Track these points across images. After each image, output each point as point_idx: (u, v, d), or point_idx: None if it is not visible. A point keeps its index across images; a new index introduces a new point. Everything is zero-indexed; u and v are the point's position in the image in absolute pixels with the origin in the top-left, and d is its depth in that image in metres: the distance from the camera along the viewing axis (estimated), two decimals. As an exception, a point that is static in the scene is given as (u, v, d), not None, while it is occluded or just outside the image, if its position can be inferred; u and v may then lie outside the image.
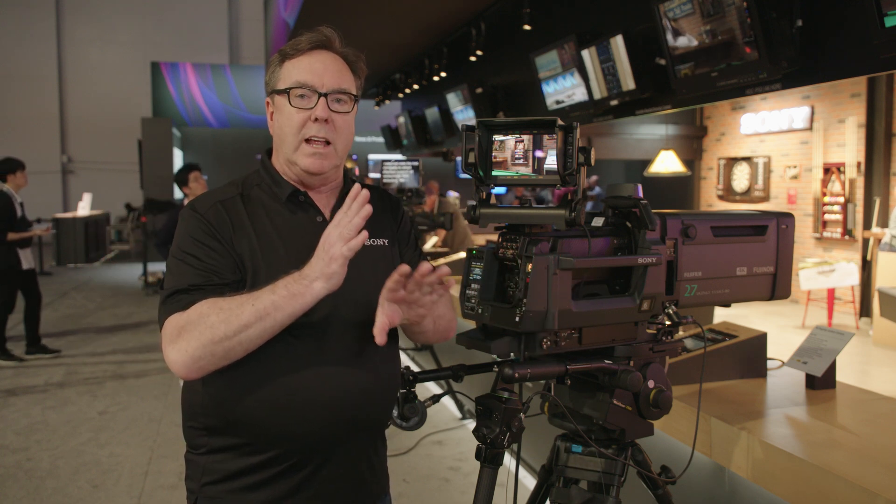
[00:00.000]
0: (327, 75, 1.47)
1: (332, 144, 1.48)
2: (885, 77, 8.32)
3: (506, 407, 1.40)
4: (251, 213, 1.49)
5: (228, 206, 1.49)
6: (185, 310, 1.37)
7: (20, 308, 6.73)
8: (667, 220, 1.51)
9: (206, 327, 1.33)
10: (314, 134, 1.46)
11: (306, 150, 1.47)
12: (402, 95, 11.72)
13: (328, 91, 1.47)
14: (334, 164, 1.51)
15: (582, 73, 5.55)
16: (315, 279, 1.34)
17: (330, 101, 1.47)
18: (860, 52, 3.31)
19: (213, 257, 1.43)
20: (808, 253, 9.53)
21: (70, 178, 20.47)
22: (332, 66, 1.49)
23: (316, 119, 1.46)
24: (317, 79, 1.46)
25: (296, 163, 1.48)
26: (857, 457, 1.69)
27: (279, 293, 1.34)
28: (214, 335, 1.33)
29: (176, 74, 18.90)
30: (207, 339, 1.33)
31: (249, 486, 1.46)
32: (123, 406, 5.26)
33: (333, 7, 7.73)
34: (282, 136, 1.50)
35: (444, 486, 3.84)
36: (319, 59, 1.49)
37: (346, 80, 1.50)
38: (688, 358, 2.21)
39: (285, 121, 1.48)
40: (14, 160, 6.66)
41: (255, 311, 1.33)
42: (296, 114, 1.46)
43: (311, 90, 1.46)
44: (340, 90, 1.48)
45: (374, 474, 1.59)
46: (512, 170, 1.35)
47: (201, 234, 1.45)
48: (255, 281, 1.43)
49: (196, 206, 1.50)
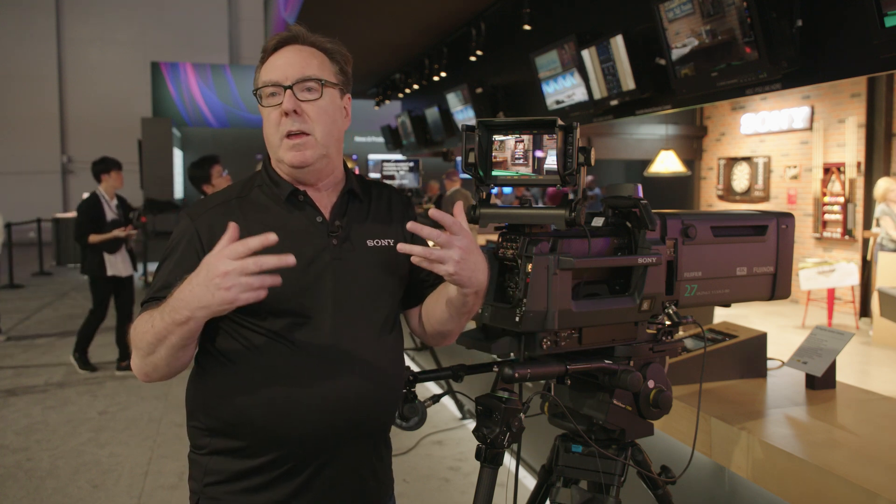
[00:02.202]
0: (290, 68, 1.46)
1: (311, 134, 1.46)
2: (885, 77, 8.32)
3: (506, 407, 1.40)
4: (248, 215, 1.48)
5: (224, 210, 1.48)
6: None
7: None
8: (667, 220, 1.51)
9: (136, 345, 1.36)
10: (289, 128, 1.45)
11: (287, 145, 1.46)
12: (402, 95, 11.72)
13: (293, 82, 1.45)
14: (319, 153, 1.47)
15: (582, 73, 5.55)
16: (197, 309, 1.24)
17: (297, 91, 1.45)
18: (860, 52, 3.31)
19: (178, 270, 1.42)
20: (808, 253, 9.53)
21: (70, 178, 20.46)
22: (295, 58, 1.48)
23: (286, 113, 1.45)
24: (280, 73, 1.46)
25: (282, 160, 1.48)
26: (857, 457, 1.69)
27: (165, 320, 1.29)
28: (141, 352, 1.35)
29: (176, 74, 18.89)
30: (142, 354, 1.36)
31: (251, 488, 1.46)
32: (123, 406, 5.26)
33: (333, 7, 7.73)
34: (267, 137, 1.51)
35: (444, 486, 3.84)
36: (283, 55, 1.49)
37: (311, 67, 1.47)
38: (688, 358, 2.21)
39: (265, 122, 1.49)
40: (109, 160, 6.26)
41: (154, 333, 1.31)
42: (270, 113, 1.47)
43: (277, 86, 1.46)
44: (305, 78, 1.46)
45: (377, 478, 1.57)
46: (512, 170, 1.35)
47: (185, 245, 1.46)
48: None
49: (191, 213, 1.50)
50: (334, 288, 1.44)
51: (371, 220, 1.57)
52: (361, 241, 1.53)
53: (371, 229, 1.56)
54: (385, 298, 1.55)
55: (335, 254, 1.48)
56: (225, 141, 18.68)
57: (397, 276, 1.57)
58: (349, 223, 1.53)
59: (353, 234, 1.53)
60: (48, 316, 8.83)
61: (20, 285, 11.18)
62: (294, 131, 1.45)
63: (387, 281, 1.56)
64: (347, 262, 1.49)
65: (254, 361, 1.41)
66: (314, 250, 1.47)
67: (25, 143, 19.49)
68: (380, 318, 1.53)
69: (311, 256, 1.46)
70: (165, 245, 1.50)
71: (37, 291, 10.85)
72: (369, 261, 1.53)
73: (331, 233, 1.49)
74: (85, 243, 5.99)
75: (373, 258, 1.53)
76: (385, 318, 1.54)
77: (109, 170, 6.18)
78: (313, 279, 1.45)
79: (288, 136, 1.46)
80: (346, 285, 1.46)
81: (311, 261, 1.46)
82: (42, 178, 19.87)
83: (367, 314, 1.50)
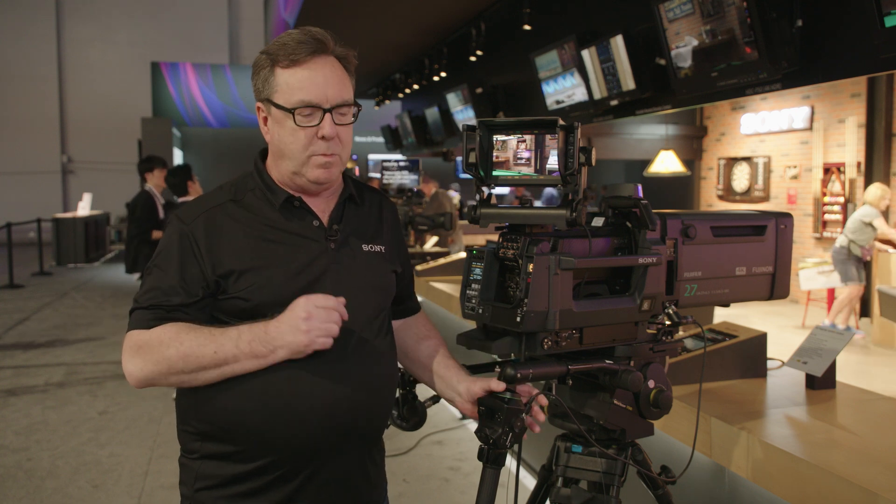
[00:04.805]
0: (330, 89, 1.43)
1: (339, 155, 1.47)
2: (885, 77, 8.32)
3: (508, 407, 1.40)
4: (243, 219, 1.46)
5: (217, 214, 1.46)
6: (147, 328, 1.38)
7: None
8: (667, 220, 1.51)
9: (163, 358, 1.34)
10: (324, 151, 1.43)
11: (317, 162, 1.44)
12: (402, 95, 11.72)
13: (333, 106, 1.43)
14: (340, 170, 1.50)
15: (582, 73, 5.56)
16: (279, 347, 1.33)
17: (334, 115, 1.44)
18: (860, 52, 3.31)
19: (182, 275, 1.42)
20: (808, 253, 9.53)
21: (70, 178, 20.47)
22: (333, 77, 1.44)
23: (323, 137, 1.42)
24: (320, 94, 1.42)
25: (303, 175, 1.45)
26: (857, 457, 1.69)
27: (241, 348, 1.32)
28: (171, 368, 1.35)
29: (176, 74, 18.89)
30: (164, 369, 1.35)
31: (242, 493, 1.44)
32: (123, 406, 5.26)
33: (333, 7, 7.73)
34: (285, 151, 1.45)
35: (444, 486, 3.85)
36: (320, 70, 1.43)
37: (346, 90, 1.46)
38: (688, 358, 2.21)
39: (288, 137, 1.43)
40: (154, 157, 6.33)
41: (215, 357, 1.32)
42: (302, 132, 1.42)
43: (315, 107, 1.42)
44: (343, 102, 1.45)
45: (370, 482, 1.56)
46: (514, 170, 1.35)
47: (178, 247, 1.43)
48: (246, 289, 1.42)
49: (182, 216, 1.47)
50: (332, 292, 1.44)
51: (366, 226, 1.58)
52: (358, 245, 1.54)
53: (366, 235, 1.56)
54: (380, 302, 1.56)
55: (333, 258, 1.49)
56: (225, 141, 18.70)
57: (389, 282, 1.60)
58: (346, 228, 1.53)
59: (351, 239, 1.53)
60: (48, 316, 8.84)
61: (20, 285, 11.18)
62: (328, 153, 1.44)
63: (381, 285, 1.57)
64: (345, 265, 1.50)
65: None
66: (311, 254, 1.47)
67: (25, 143, 19.49)
68: (376, 322, 1.54)
69: (309, 260, 1.46)
70: (158, 245, 1.48)
71: (37, 291, 10.85)
72: (365, 265, 1.53)
73: (329, 237, 1.49)
74: (147, 239, 5.94)
75: (368, 262, 1.54)
76: (381, 322, 1.55)
77: (153, 168, 6.23)
78: (310, 283, 1.45)
79: (318, 155, 1.45)
80: (344, 289, 1.45)
81: (309, 264, 1.46)
82: (42, 178, 19.87)
83: (363, 318, 1.50)
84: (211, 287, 1.42)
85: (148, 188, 6.16)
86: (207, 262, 1.42)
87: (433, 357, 1.64)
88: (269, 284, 1.42)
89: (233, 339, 1.32)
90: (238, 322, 1.40)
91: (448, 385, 1.57)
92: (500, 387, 1.42)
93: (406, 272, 1.70)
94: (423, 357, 1.66)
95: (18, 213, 16.35)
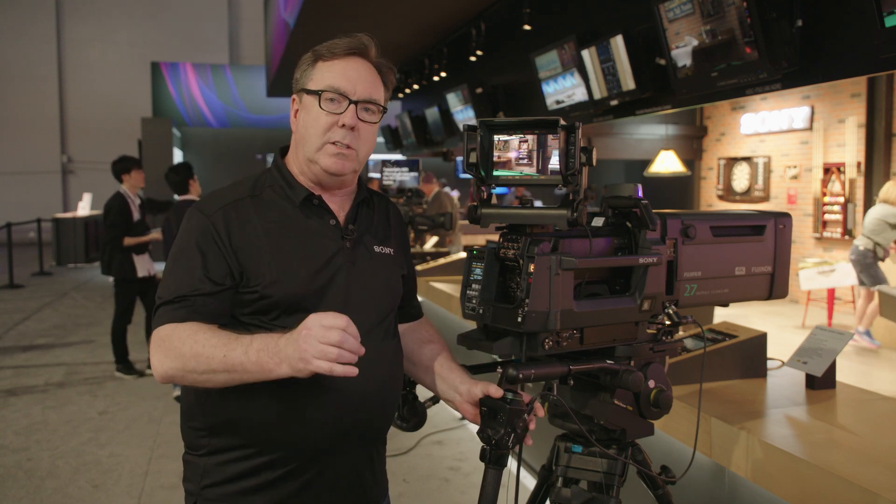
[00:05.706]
0: (360, 83, 1.48)
1: (355, 150, 1.49)
2: (885, 77, 8.32)
3: (510, 408, 1.40)
4: (263, 215, 1.48)
5: (237, 208, 1.48)
6: (172, 322, 1.39)
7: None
8: (667, 220, 1.51)
9: (179, 355, 1.35)
10: (339, 139, 1.46)
11: (330, 150, 1.47)
12: (402, 95, 11.71)
13: (359, 99, 1.47)
14: (354, 168, 1.51)
15: (582, 73, 5.55)
16: (283, 362, 1.28)
17: (359, 109, 1.47)
18: (860, 52, 3.30)
19: (206, 265, 1.42)
20: (808, 253, 9.53)
21: (70, 178, 20.46)
22: (366, 75, 1.49)
23: (343, 125, 1.46)
24: (349, 85, 1.46)
25: (317, 162, 1.48)
26: (857, 457, 1.69)
27: (250, 357, 1.30)
28: (185, 366, 1.35)
29: (176, 74, 18.88)
30: (180, 366, 1.35)
31: (250, 489, 1.45)
32: (123, 406, 5.26)
33: (333, 7, 7.72)
34: (305, 135, 1.49)
35: (444, 486, 3.85)
36: (354, 66, 1.49)
37: (377, 90, 1.51)
38: (688, 358, 2.21)
39: (311, 121, 1.47)
40: (129, 158, 6.19)
41: (224, 362, 1.32)
42: (324, 116, 1.46)
43: (342, 95, 1.46)
44: (371, 100, 1.49)
45: (375, 478, 1.59)
46: (516, 170, 1.35)
47: (201, 239, 1.44)
48: (266, 284, 1.43)
49: (203, 208, 1.48)
50: (346, 290, 1.47)
51: (376, 228, 1.61)
52: (371, 245, 1.57)
53: (377, 236, 1.60)
54: (390, 302, 1.59)
55: (348, 257, 1.51)
56: (225, 141, 18.68)
57: (398, 283, 1.63)
58: (360, 228, 1.57)
59: (365, 238, 1.57)
60: (48, 316, 8.84)
61: (20, 285, 11.18)
62: (344, 143, 1.47)
63: (391, 286, 1.60)
64: (359, 265, 1.52)
65: None
66: (328, 252, 1.49)
67: (25, 143, 19.49)
68: (386, 322, 1.57)
69: (326, 258, 1.48)
70: (176, 239, 1.48)
71: (37, 291, 10.85)
72: (377, 265, 1.57)
73: (345, 236, 1.52)
74: (119, 245, 5.88)
75: (380, 263, 1.57)
76: (389, 324, 1.58)
77: (129, 169, 6.09)
78: (327, 280, 1.47)
79: (333, 143, 1.47)
80: (357, 288, 1.49)
81: (326, 262, 1.48)
82: (42, 178, 19.87)
83: (374, 317, 1.53)
84: (235, 277, 1.43)
85: (123, 190, 6.05)
86: (231, 253, 1.43)
87: (435, 359, 1.65)
88: (287, 279, 1.43)
89: (244, 346, 1.32)
90: (251, 316, 1.43)
91: (449, 386, 1.58)
92: (499, 393, 1.41)
93: (410, 275, 1.73)
94: (426, 360, 1.66)
95: (18, 213, 16.35)
